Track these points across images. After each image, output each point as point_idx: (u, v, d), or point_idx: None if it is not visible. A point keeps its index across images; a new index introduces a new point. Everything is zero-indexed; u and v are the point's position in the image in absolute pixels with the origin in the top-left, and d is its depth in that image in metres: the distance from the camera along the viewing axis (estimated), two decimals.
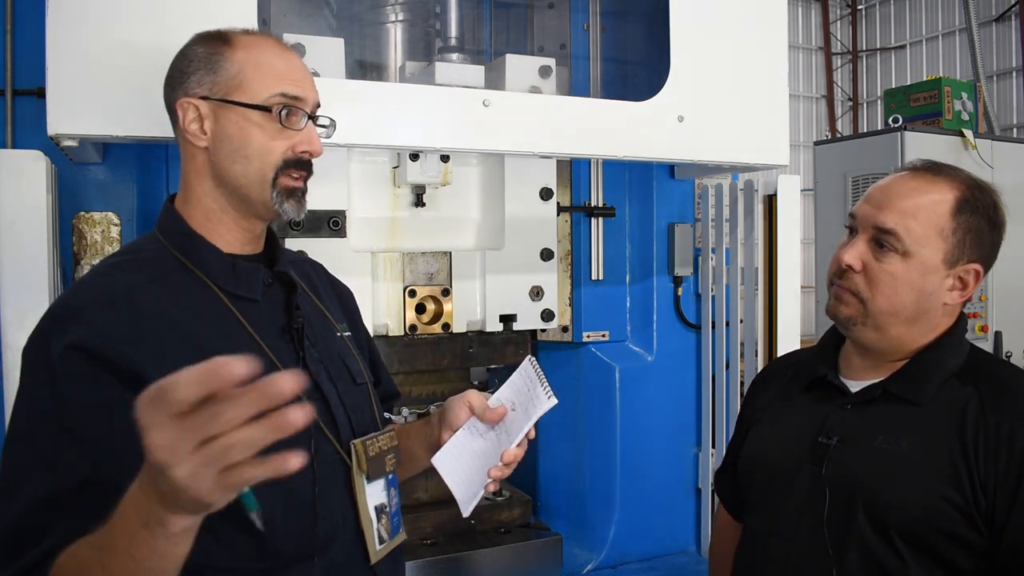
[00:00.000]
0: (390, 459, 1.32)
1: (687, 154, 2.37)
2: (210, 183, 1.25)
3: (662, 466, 3.12)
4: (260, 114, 1.22)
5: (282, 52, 1.28)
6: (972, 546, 1.25)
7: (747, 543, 1.50)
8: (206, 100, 1.23)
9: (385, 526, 1.31)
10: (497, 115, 2.12)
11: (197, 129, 1.23)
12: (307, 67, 1.31)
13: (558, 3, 2.95)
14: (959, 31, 13.55)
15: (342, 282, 1.55)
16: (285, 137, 1.24)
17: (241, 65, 1.23)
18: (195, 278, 1.22)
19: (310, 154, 1.27)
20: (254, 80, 1.22)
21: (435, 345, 2.45)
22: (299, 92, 1.24)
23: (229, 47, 1.24)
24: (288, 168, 1.24)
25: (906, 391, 1.35)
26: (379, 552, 1.29)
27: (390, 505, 1.33)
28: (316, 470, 1.21)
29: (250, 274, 1.25)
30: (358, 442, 1.27)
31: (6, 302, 1.79)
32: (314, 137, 1.27)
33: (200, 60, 1.24)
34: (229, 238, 1.27)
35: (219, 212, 1.26)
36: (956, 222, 1.33)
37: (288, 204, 1.25)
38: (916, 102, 4.96)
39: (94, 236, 2.30)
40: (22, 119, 2.30)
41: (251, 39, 1.26)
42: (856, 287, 1.36)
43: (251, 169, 1.23)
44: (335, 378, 1.31)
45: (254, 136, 1.22)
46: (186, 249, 1.24)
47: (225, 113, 1.22)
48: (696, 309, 3.21)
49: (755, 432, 1.54)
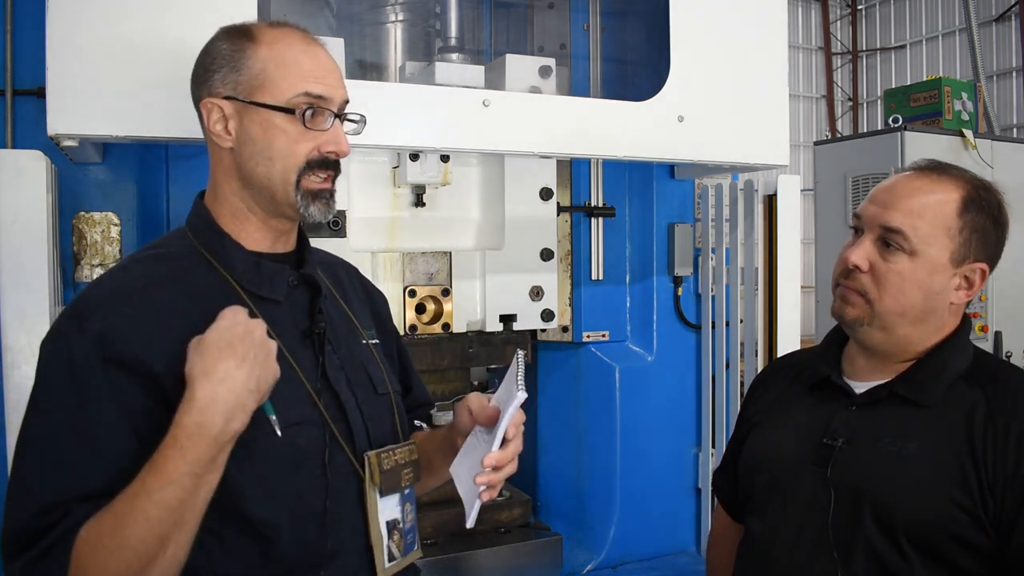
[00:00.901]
0: (407, 473, 1.29)
1: (687, 154, 2.37)
2: (237, 183, 1.23)
3: (662, 466, 3.12)
4: (284, 115, 1.19)
5: (307, 47, 1.23)
6: (979, 549, 1.24)
7: (749, 545, 1.48)
8: (230, 100, 1.20)
9: (397, 543, 1.27)
10: (497, 115, 2.12)
11: (222, 130, 1.21)
12: (334, 61, 1.26)
13: (558, 3, 2.95)
14: (959, 31, 13.54)
15: (376, 287, 1.53)
16: (310, 138, 1.20)
17: (264, 63, 1.20)
18: (218, 276, 1.21)
19: (336, 154, 1.23)
20: (277, 79, 1.19)
21: (435, 345, 2.45)
22: (324, 91, 1.21)
23: (253, 43, 1.21)
24: (312, 169, 1.21)
25: (913, 393, 1.34)
26: (388, 570, 1.25)
27: (404, 521, 1.29)
28: (329, 480, 1.20)
29: (274, 274, 1.24)
30: (372, 454, 1.25)
31: (6, 302, 1.79)
32: (341, 137, 1.24)
33: (224, 58, 1.21)
34: (257, 236, 1.25)
35: (246, 211, 1.24)
36: (962, 221, 1.33)
37: (314, 207, 1.22)
38: (916, 102, 4.95)
39: (94, 236, 2.30)
40: (22, 119, 2.30)
41: (276, 33, 1.22)
42: (863, 287, 1.35)
43: (274, 171, 1.20)
44: (355, 386, 1.28)
45: (278, 138, 1.19)
46: (212, 246, 1.22)
47: (249, 114, 1.20)
48: (696, 309, 3.21)
49: (757, 433, 1.53)
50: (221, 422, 1.02)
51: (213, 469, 1.04)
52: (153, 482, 1.01)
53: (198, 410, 1.02)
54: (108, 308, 1.10)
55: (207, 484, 1.04)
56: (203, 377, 1.03)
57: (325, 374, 1.24)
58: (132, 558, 1.01)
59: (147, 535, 1.01)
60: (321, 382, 1.23)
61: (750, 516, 1.50)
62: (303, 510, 1.17)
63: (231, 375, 1.03)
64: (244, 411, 1.05)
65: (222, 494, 1.08)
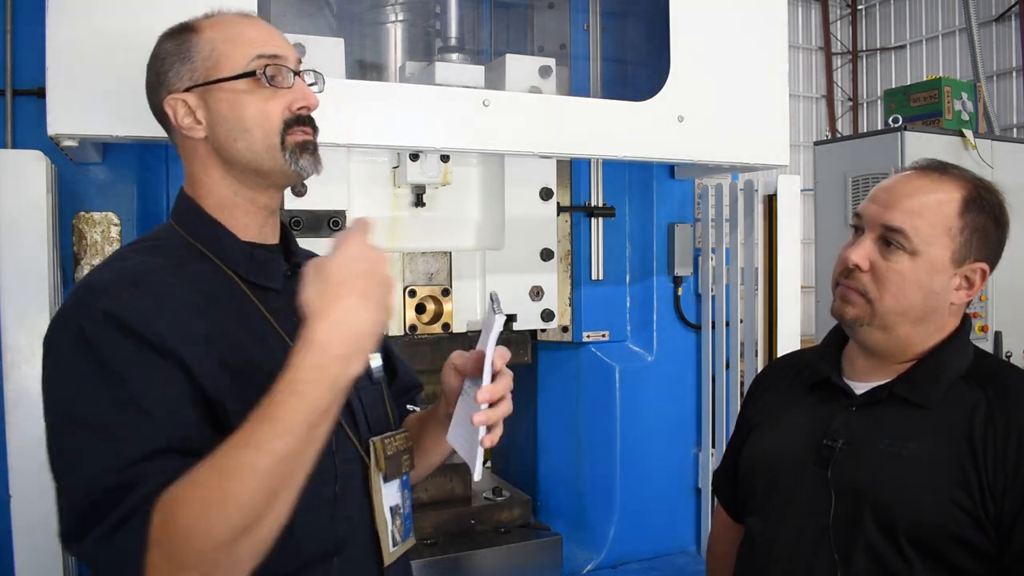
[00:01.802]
0: (405, 460, 1.30)
1: (687, 154, 2.37)
2: (219, 171, 1.22)
3: (662, 466, 3.12)
4: (246, 82, 1.19)
5: (247, 20, 1.25)
6: (980, 550, 1.24)
7: (749, 546, 1.48)
8: (190, 91, 1.21)
9: (399, 528, 1.28)
10: (497, 115, 2.12)
11: (191, 122, 1.21)
12: (275, 27, 1.28)
13: (558, 3, 2.95)
14: (959, 31, 13.55)
15: None
16: (278, 98, 1.21)
17: (212, 43, 1.21)
18: (214, 266, 1.20)
19: (307, 108, 1.24)
20: (229, 51, 1.20)
21: (435, 345, 2.45)
22: (276, 50, 1.22)
23: (195, 33, 1.22)
24: (290, 128, 1.22)
25: (913, 393, 1.34)
26: (392, 554, 1.26)
27: (404, 507, 1.30)
28: (337, 467, 1.20)
29: (269, 263, 1.24)
30: (377, 440, 1.25)
31: (6, 302, 1.79)
32: (307, 91, 1.24)
33: (172, 55, 1.22)
34: (246, 221, 1.24)
35: (233, 197, 1.23)
36: (963, 221, 1.32)
37: (303, 160, 1.22)
38: (916, 102, 4.96)
39: (94, 236, 2.30)
40: (22, 119, 2.29)
41: (214, 19, 1.24)
42: (864, 287, 1.35)
43: (255, 140, 1.20)
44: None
45: (248, 107, 1.19)
46: (204, 236, 1.21)
47: (213, 95, 1.20)
48: (696, 309, 3.21)
49: (757, 434, 1.53)
50: (340, 366, 0.98)
51: (326, 419, 0.99)
52: (266, 431, 0.94)
53: (318, 351, 0.97)
54: (114, 290, 1.07)
55: (320, 435, 0.99)
56: (322, 315, 0.98)
57: None
58: (238, 516, 0.93)
59: (257, 490, 0.94)
60: None
61: (750, 517, 1.50)
62: (314, 497, 1.16)
63: (353, 315, 0.99)
64: (363, 355, 1.01)
65: None
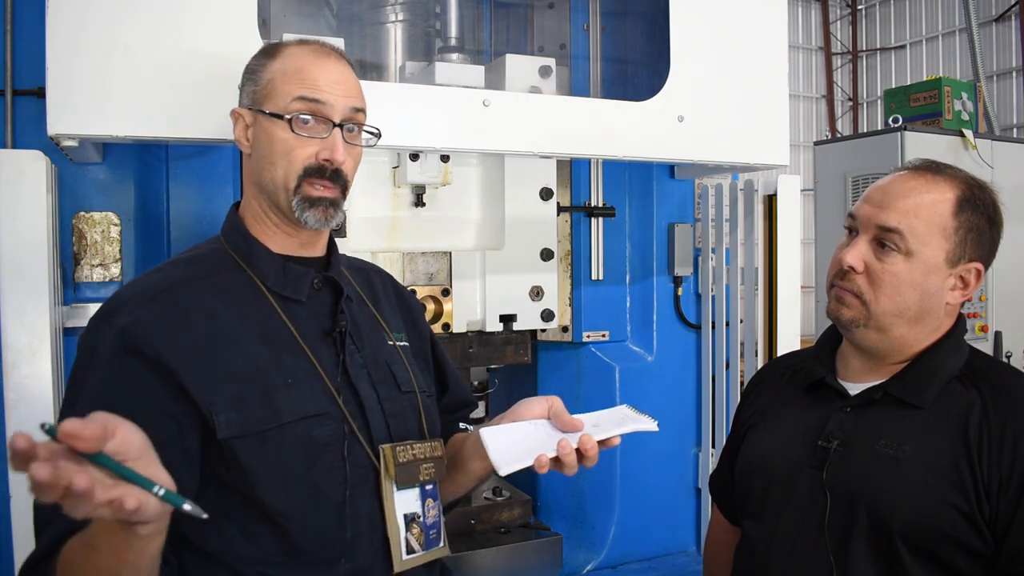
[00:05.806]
0: (426, 468, 1.31)
1: (687, 154, 2.37)
2: (255, 188, 1.31)
3: (662, 466, 3.12)
4: (280, 123, 1.25)
5: (317, 59, 1.28)
6: (975, 551, 1.24)
7: (746, 548, 1.48)
8: (249, 110, 1.30)
9: (417, 536, 1.29)
10: (497, 115, 2.12)
11: (242, 137, 1.31)
12: (347, 73, 1.31)
13: (558, 3, 2.95)
14: (959, 31, 13.55)
15: (411, 293, 1.59)
16: (307, 145, 1.25)
17: (273, 74, 1.28)
18: (246, 277, 1.27)
19: (329, 162, 1.26)
20: (279, 87, 1.26)
21: None
22: (320, 96, 1.25)
23: (270, 58, 1.30)
24: (310, 176, 1.26)
25: (908, 394, 1.33)
26: (405, 562, 1.27)
27: (425, 516, 1.30)
28: (348, 472, 1.23)
29: (299, 276, 1.29)
30: (387, 447, 1.27)
31: (6, 302, 1.79)
32: (336, 145, 1.26)
33: (250, 72, 1.32)
34: (278, 239, 1.31)
35: (263, 216, 1.31)
36: (958, 221, 1.32)
37: (309, 214, 1.26)
38: (916, 102, 4.96)
39: (94, 236, 2.30)
40: (22, 119, 2.29)
41: (292, 48, 1.30)
42: (858, 288, 1.34)
43: (277, 176, 1.26)
44: (377, 384, 1.31)
45: (276, 145, 1.26)
46: (240, 249, 1.29)
47: (259, 122, 1.28)
48: (696, 309, 3.21)
49: (752, 436, 1.53)
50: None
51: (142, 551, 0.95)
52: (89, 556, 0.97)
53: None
54: (134, 305, 1.17)
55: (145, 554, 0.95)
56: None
57: (346, 371, 1.28)
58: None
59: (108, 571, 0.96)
60: (342, 378, 1.27)
61: (747, 519, 1.50)
62: (320, 500, 1.20)
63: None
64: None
65: (241, 482, 1.13)
